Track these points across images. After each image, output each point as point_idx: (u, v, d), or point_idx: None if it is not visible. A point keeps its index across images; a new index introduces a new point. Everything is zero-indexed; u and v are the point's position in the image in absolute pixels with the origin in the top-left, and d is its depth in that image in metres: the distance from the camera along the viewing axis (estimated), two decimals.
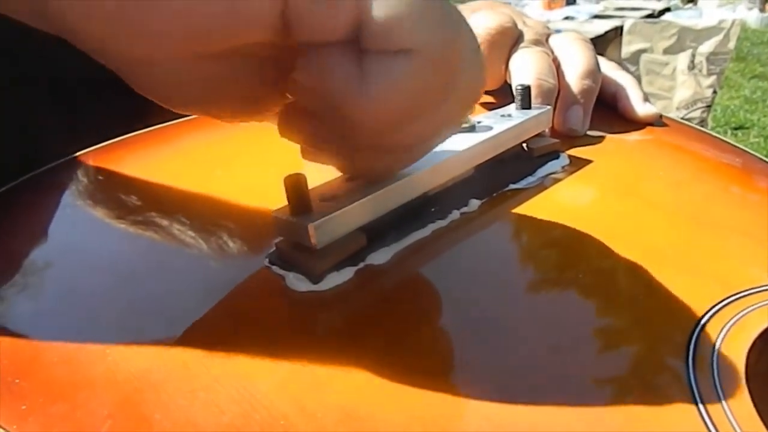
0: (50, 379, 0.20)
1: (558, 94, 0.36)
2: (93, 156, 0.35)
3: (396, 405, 0.19)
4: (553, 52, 0.38)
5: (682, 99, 2.27)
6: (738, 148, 0.36)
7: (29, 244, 0.28)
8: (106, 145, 0.36)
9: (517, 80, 0.36)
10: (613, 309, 0.23)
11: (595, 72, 0.37)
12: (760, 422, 0.18)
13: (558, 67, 0.38)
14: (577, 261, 0.26)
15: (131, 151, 0.36)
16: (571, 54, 0.38)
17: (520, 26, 0.39)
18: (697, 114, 2.26)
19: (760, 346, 0.21)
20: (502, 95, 0.39)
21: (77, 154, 0.35)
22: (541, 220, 0.28)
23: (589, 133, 0.36)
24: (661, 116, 0.38)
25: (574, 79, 0.37)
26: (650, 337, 0.21)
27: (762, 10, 4.27)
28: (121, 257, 0.27)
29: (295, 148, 0.23)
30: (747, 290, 0.23)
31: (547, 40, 0.39)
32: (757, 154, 0.35)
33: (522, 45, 0.38)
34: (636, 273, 0.25)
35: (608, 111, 0.38)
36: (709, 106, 2.28)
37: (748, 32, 3.93)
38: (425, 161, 0.27)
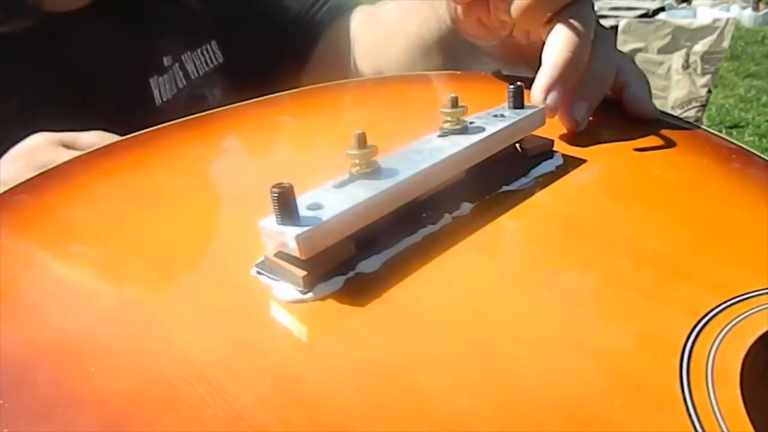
0: (35, 399, 0.19)
1: None
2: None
3: (383, 421, 0.18)
4: None
5: (676, 98, 2.27)
6: (737, 145, 0.35)
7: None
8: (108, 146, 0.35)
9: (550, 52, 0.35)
10: (608, 311, 0.22)
11: (609, 76, 0.37)
12: (749, 426, 0.18)
13: None
14: (571, 263, 0.25)
15: (127, 153, 0.35)
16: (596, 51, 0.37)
17: None
18: (692, 113, 2.26)
19: (758, 351, 0.20)
20: (493, 95, 0.38)
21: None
22: (535, 222, 0.28)
23: (585, 131, 0.36)
24: (661, 112, 0.38)
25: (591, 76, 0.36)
26: (645, 340, 0.21)
27: (756, 9, 4.28)
28: (105, 268, 0.26)
29: (284, 157, 0.23)
30: (746, 294, 0.23)
31: None
32: (756, 152, 0.34)
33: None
34: (632, 275, 0.24)
35: (604, 109, 0.38)
36: (703, 105, 2.28)
37: (742, 31, 3.94)
38: (415, 165, 0.26)
